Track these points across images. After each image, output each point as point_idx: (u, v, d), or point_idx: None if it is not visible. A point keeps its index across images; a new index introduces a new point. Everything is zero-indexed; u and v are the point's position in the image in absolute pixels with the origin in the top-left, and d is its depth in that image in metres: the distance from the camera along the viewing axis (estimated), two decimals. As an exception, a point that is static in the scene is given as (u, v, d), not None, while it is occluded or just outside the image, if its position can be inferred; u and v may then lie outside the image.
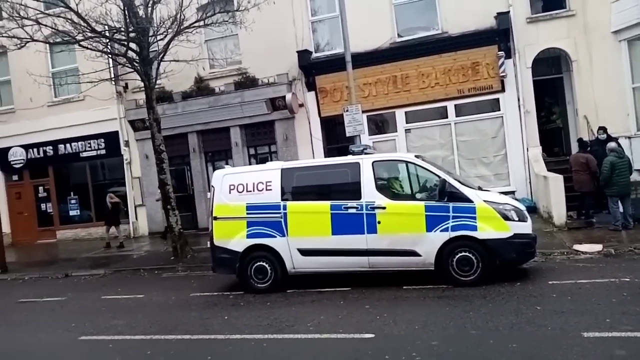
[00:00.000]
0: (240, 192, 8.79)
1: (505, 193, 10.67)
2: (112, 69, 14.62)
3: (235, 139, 16.38)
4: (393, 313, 6.72)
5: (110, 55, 13.53)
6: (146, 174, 17.27)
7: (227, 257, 8.77)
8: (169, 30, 12.27)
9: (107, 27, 12.30)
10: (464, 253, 7.69)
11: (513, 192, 13.67)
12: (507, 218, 7.76)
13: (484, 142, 14.55)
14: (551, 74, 15.07)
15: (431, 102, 14.73)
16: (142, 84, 13.14)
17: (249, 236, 8.67)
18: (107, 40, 12.62)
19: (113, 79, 14.75)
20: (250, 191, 8.73)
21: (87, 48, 12.35)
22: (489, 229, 7.67)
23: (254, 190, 8.71)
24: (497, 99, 14.34)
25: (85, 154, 18.04)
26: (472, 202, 7.78)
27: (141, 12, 12.17)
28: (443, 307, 6.91)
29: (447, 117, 14.73)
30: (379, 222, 8.02)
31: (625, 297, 6.55)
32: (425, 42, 14.61)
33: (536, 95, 14.19)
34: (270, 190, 8.62)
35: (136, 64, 12.46)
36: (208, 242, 9.20)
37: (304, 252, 8.43)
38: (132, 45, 12.34)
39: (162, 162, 12.68)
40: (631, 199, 10.98)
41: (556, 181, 11.56)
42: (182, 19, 12.22)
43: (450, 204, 7.79)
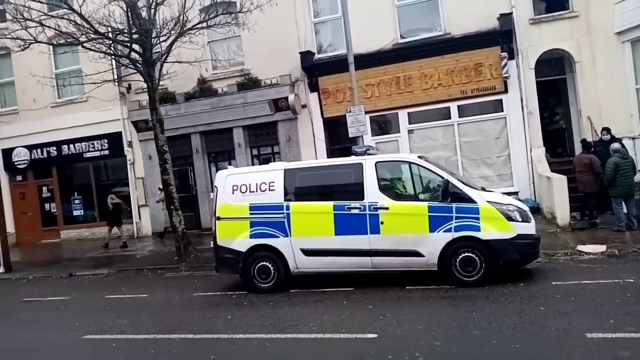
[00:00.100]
0: (243, 193, 8.81)
1: (508, 194, 10.69)
2: (115, 70, 14.73)
3: (238, 140, 16.42)
4: (396, 313, 6.71)
5: (113, 57, 13.62)
6: (149, 174, 17.31)
7: (231, 257, 8.79)
8: (171, 32, 12.32)
9: (110, 29, 12.37)
10: (467, 253, 7.68)
11: (516, 192, 13.64)
12: (510, 219, 7.75)
13: (487, 142, 14.53)
14: (554, 75, 15.05)
15: (434, 103, 14.72)
16: (145, 85, 13.18)
17: (252, 236, 8.68)
18: (110, 42, 12.69)
19: (116, 80, 14.84)
20: (253, 191, 8.75)
21: (90, 49, 12.43)
22: (492, 230, 7.66)
23: (257, 191, 8.73)
24: (500, 100, 14.32)
25: (88, 155, 18.11)
26: (475, 202, 7.77)
27: (144, 14, 12.23)
28: (446, 307, 6.91)
29: (450, 118, 14.71)
30: (382, 223, 8.01)
31: (629, 298, 6.53)
32: (428, 43, 14.60)
33: (539, 96, 14.17)
34: (273, 190, 8.63)
35: (139, 65, 12.52)
36: (211, 242, 9.20)
37: (307, 252, 8.43)
38: (135, 46, 12.38)
39: (165, 163, 12.73)
40: (635, 200, 10.95)
41: (560, 182, 11.53)
42: (184, 20, 12.26)
43: (454, 205, 7.77)
